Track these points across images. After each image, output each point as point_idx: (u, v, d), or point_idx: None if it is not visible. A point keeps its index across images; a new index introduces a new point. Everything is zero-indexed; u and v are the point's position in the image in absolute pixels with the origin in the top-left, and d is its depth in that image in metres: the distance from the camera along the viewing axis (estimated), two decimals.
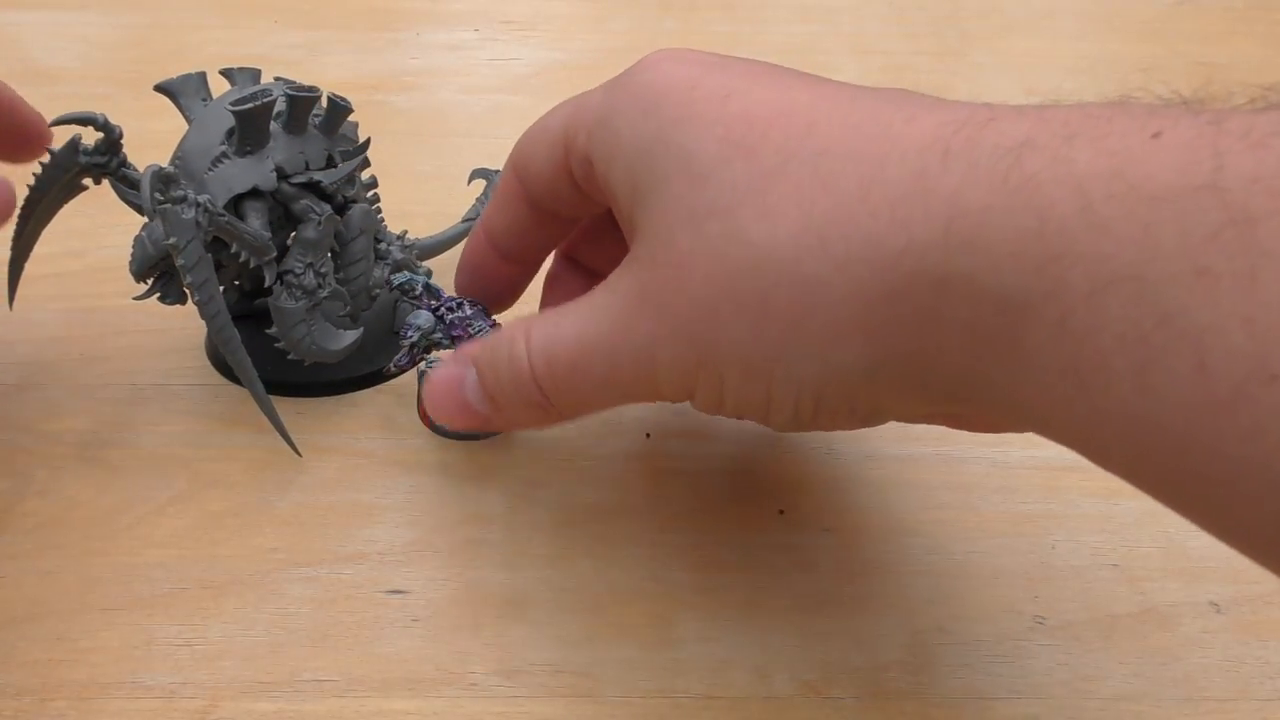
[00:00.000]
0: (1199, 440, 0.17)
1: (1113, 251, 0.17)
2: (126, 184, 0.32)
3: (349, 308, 0.34)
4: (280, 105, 0.32)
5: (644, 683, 0.28)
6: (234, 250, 0.31)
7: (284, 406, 0.35)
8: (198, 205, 0.29)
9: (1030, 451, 0.34)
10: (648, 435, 0.35)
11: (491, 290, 0.33)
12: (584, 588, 0.30)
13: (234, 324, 0.33)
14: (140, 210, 0.32)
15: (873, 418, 0.25)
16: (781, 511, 0.32)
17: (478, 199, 0.41)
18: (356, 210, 0.34)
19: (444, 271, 0.36)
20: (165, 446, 0.34)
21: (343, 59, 0.54)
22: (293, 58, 0.54)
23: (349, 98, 0.33)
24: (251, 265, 0.32)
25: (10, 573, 0.30)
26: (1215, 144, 0.17)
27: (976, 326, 0.20)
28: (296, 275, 0.32)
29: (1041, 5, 0.59)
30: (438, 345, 0.32)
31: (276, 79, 0.34)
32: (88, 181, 0.33)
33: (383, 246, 0.36)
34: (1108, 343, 0.17)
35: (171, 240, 0.29)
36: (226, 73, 0.34)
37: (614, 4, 0.59)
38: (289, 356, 0.33)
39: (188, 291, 0.31)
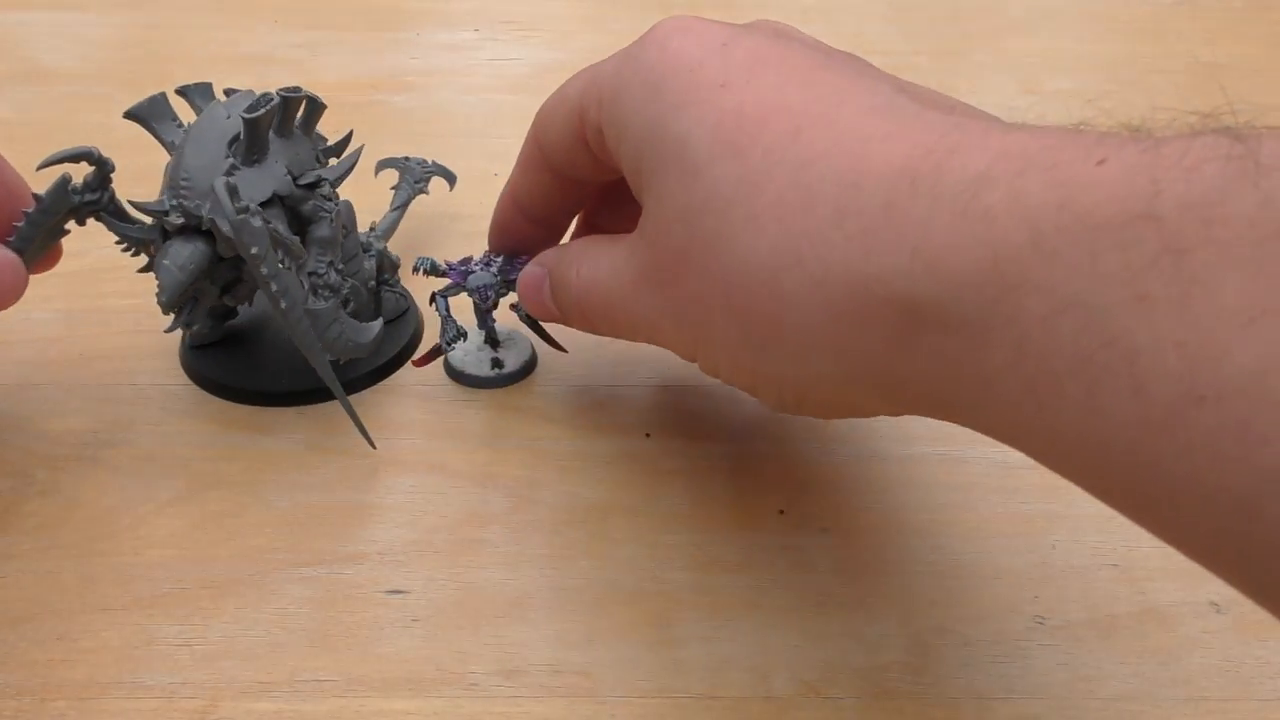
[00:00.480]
0: (1141, 458, 0.18)
1: (1062, 280, 0.18)
2: (119, 217, 0.32)
3: (354, 303, 0.34)
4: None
5: (644, 683, 0.28)
6: (214, 278, 0.31)
7: (286, 411, 0.35)
8: (259, 213, 0.30)
9: None
10: (648, 435, 0.35)
11: (522, 249, 0.34)
12: (584, 588, 0.30)
13: (209, 350, 0.34)
14: (130, 240, 0.31)
15: (855, 413, 0.26)
16: (781, 511, 0.32)
17: (398, 185, 0.41)
18: (343, 206, 0.34)
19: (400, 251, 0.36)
20: (165, 446, 0.34)
21: (343, 59, 0.54)
22: (293, 58, 0.54)
23: (349, 98, 0.33)
24: (221, 289, 0.32)
25: (10, 573, 0.30)
26: (1153, 171, 0.18)
27: (942, 351, 0.21)
28: (320, 275, 0.32)
29: (1041, 5, 0.59)
30: (483, 303, 0.35)
31: (228, 90, 0.34)
32: (70, 226, 0.31)
33: (365, 239, 0.36)
34: (1060, 366, 0.18)
35: (254, 250, 0.29)
36: (183, 91, 0.34)
37: (614, 4, 0.59)
38: (330, 358, 0.33)
39: (272, 299, 0.31)
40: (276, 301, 0.31)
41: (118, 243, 0.32)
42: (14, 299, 0.30)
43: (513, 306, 0.35)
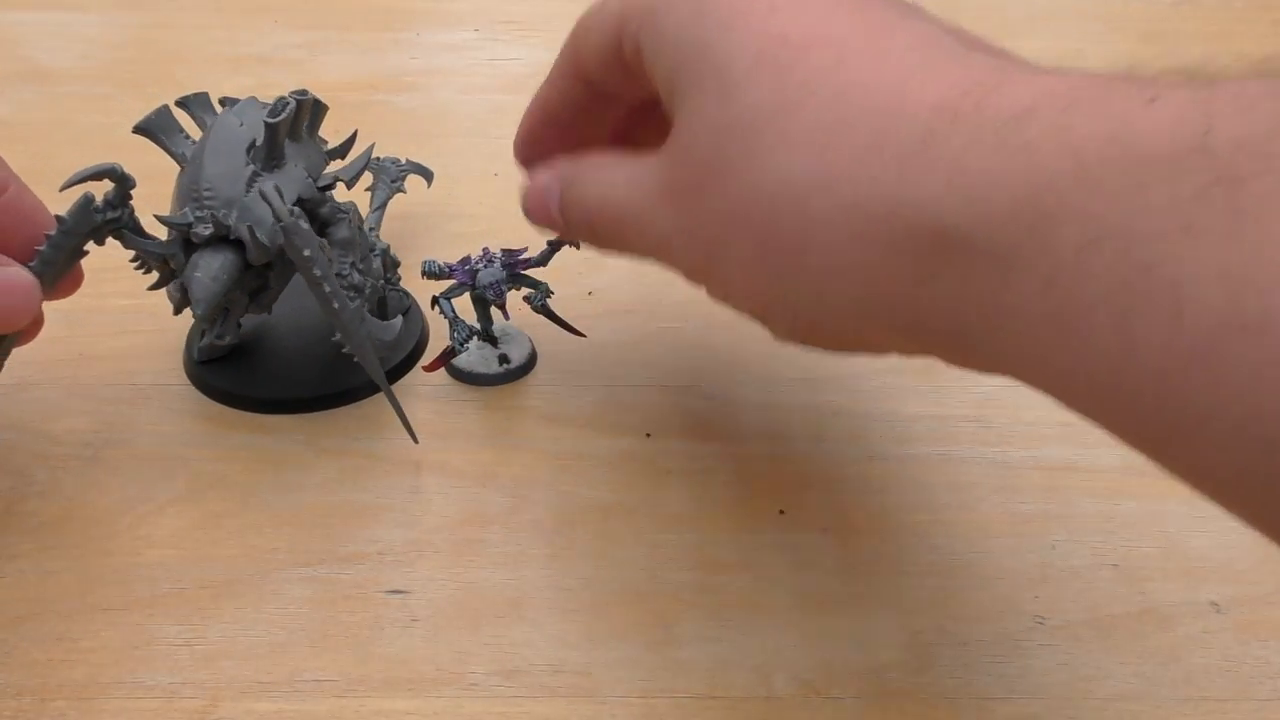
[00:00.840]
0: (1170, 388, 0.17)
1: (1103, 209, 0.18)
2: (138, 233, 0.31)
3: (367, 303, 0.34)
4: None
5: (644, 683, 0.28)
6: (243, 287, 0.31)
7: (286, 417, 0.35)
8: (304, 216, 0.30)
9: (1030, 451, 0.34)
10: (648, 435, 0.35)
11: (543, 158, 0.34)
12: (584, 588, 0.30)
13: (220, 362, 0.34)
14: (153, 255, 0.31)
15: (863, 349, 0.26)
16: (781, 511, 0.32)
17: (374, 185, 0.40)
18: (350, 207, 0.34)
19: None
20: (165, 446, 0.34)
21: (343, 59, 0.54)
22: (293, 58, 0.54)
23: (349, 98, 0.33)
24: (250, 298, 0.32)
25: (10, 573, 0.30)
26: (1207, 107, 0.18)
27: (967, 281, 0.20)
28: (344, 276, 0.32)
29: (1041, 5, 0.59)
30: (497, 299, 0.35)
31: (223, 100, 0.34)
32: (89, 247, 0.31)
33: (370, 238, 0.36)
34: (1092, 294, 0.18)
35: (307, 253, 0.30)
36: (182, 103, 0.33)
37: None
38: (355, 360, 0.33)
39: (324, 300, 0.31)
40: (329, 302, 0.31)
41: (132, 260, 0.32)
42: (25, 320, 0.30)
43: (526, 299, 0.36)
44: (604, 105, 0.32)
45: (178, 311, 0.34)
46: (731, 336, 0.38)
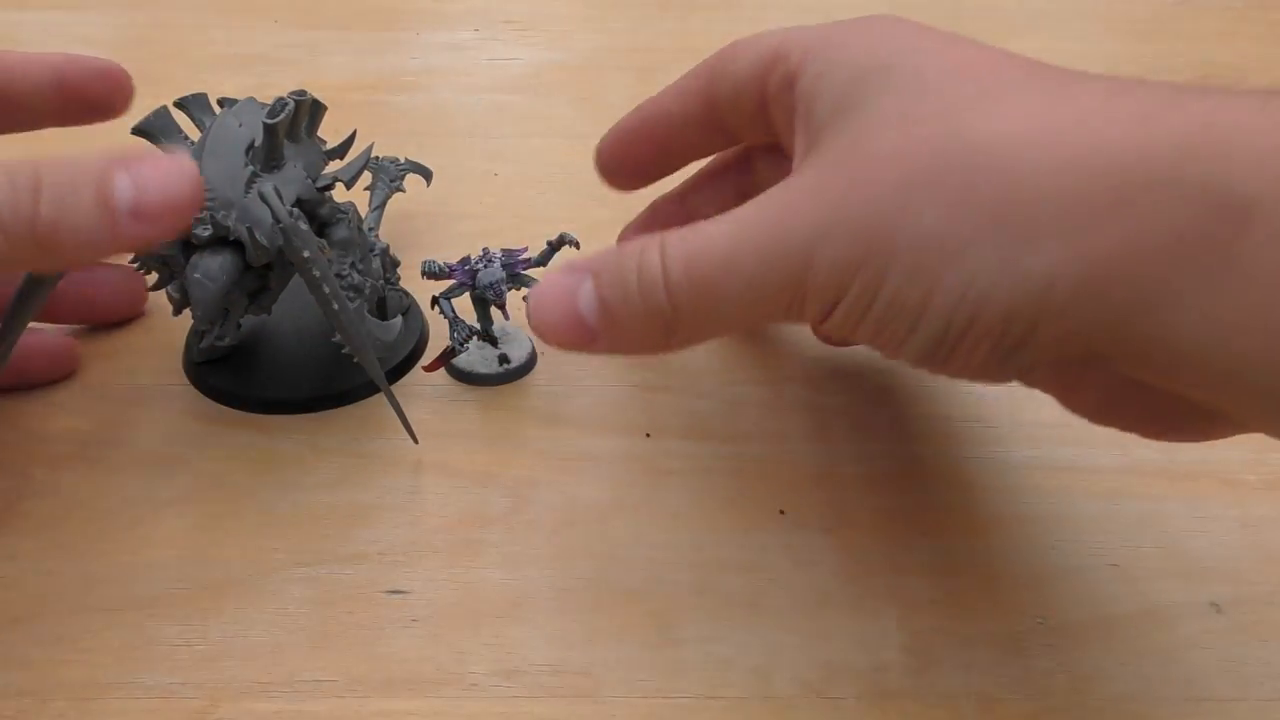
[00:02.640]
0: None
1: None
2: None
3: (367, 303, 0.34)
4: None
5: (644, 683, 0.28)
6: (243, 287, 0.31)
7: (286, 417, 0.35)
8: (303, 217, 0.30)
9: (1030, 451, 0.34)
10: (648, 435, 0.35)
11: (625, 165, 0.34)
12: (584, 588, 0.30)
13: (220, 362, 0.34)
14: (153, 258, 0.31)
15: (1009, 357, 0.23)
16: (782, 511, 0.32)
17: (373, 185, 0.40)
18: (350, 207, 0.34)
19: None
20: (165, 446, 0.34)
21: (343, 59, 0.54)
22: (293, 58, 0.54)
23: (349, 98, 0.33)
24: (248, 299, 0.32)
25: (10, 573, 0.30)
26: None
27: (1189, 231, 0.20)
28: (344, 277, 0.32)
29: (1041, 5, 0.59)
30: (497, 299, 0.34)
31: (221, 100, 0.33)
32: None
33: (370, 239, 0.36)
34: None
35: (306, 254, 0.30)
36: (181, 103, 0.33)
37: (614, 4, 0.59)
38: (355, 360, 0.33)
39: (323, 302, 0.31)
40: (329, 303, 0.31)
41: (132, 261, 0.32)
42: (193, 210, 0.27)
43: (526, 299, 0.36)
44: (709, 136, 0.32)
45: (177, 312, 0.34)
46: (731, 336, 0.38)
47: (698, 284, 0.24)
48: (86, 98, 0.32)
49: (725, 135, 0.32)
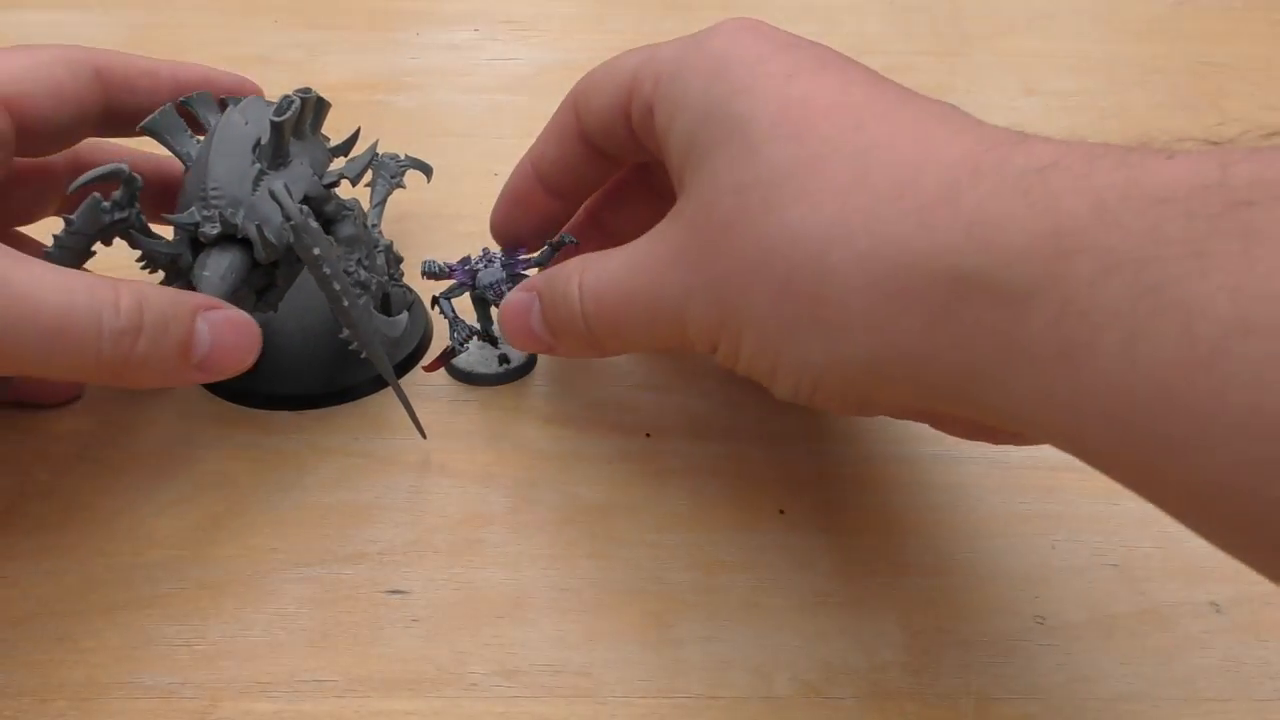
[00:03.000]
0: (1175, 397, 0.18)
1: (1119, 242, 0.19)
2: (144, 233, 0.31)
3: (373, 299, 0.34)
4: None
5: (644, 683, 0.28)
6: (251, 284, 0.31)
7: (286, 411, 0.35)
8: (311, 214, 0.30)
9: (1030, 452, 0.34)
10: (648, 435, 0.35)
11: (529, 222, 0.34)
12: (584, 588, 0.30)
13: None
14: (160, 255, 0.31)
15: (864, 408, 0.26)
16: (782, 511, 0.32)
17: (374, 181, 0.40)
18: (354, 204, 0.34)
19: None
20: (165, 446, 0.34)
21: (343, 59, 0.54)
22: (293, 58, 0.54)
23: (349, 98, 0.33)
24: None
25: (11, 573, 0.30)
26: (1223, 158, 0.19)
27: (980, 322, 0.21)
28: (351, 274, 0.33)
29: (1041, 5, 0.59)
30: (497, 299, 0.34)
31: (223, 100, 0.33)
32: (96, 248, 0.31)
33: (375, 236, 0.36)
34: (1100, 319, 0.19)
35: (316, 251, 0.30)
36: (186, 102, 0.33)
37: (614, 4, 0.59)
38: (361, 356, 0.33)
39: (334, 299, 0.31)
40: (340, 300, 0.31)
41: (138, 260, 0.32)
42: (252, 359, 0.30)
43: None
44: (598, 166, 0.32)
45: None
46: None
47: (605, 316, 0.28)
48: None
49: (611, 160, 0.32)
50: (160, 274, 0.33)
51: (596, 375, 0.37)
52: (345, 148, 0.35)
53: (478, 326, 0.36)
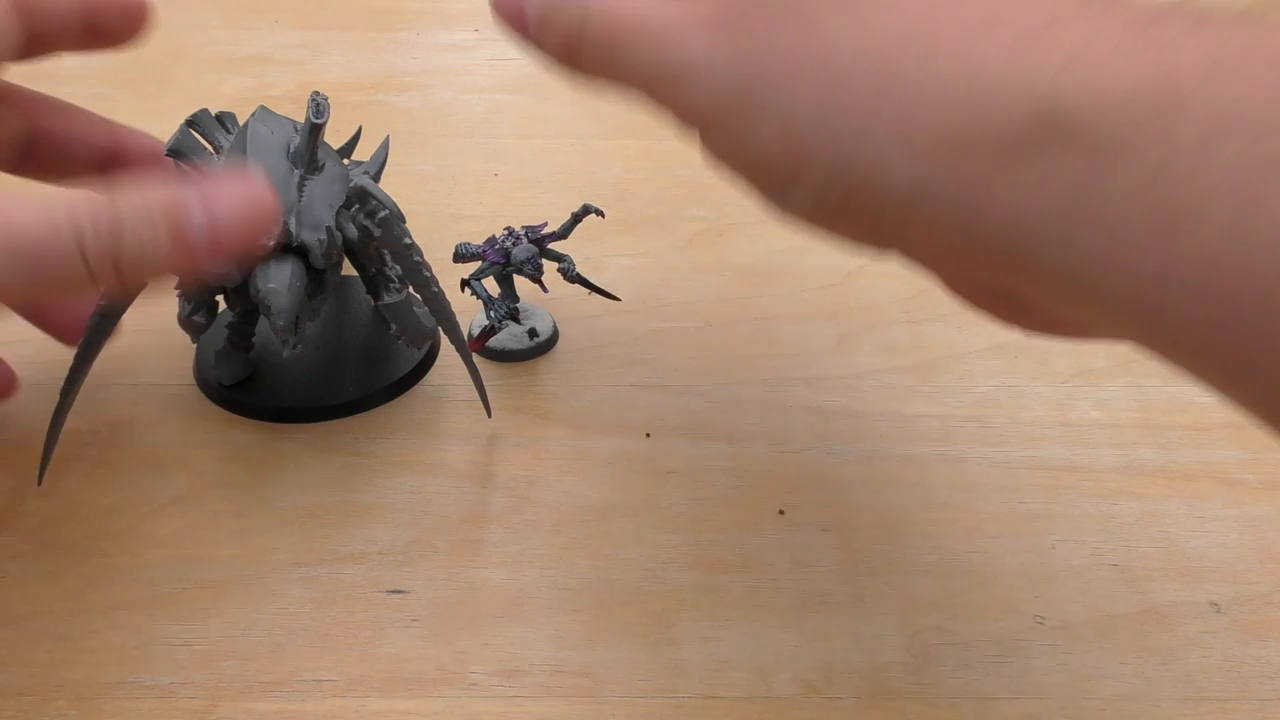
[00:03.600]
0: None
1: (1236, 98, 0.17)
2: None
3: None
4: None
5: (644, 683, 0.28)
6: (309, 292, 0.32)
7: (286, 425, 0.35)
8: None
9: (1030, 451, 0.34)
10: (648, 435, 0.35)
11: None
12: (584, 588, 0.30)
13: (225, 368, 0.34)
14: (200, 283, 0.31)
15: (887, 241, 0.23)
16: (781, 511, 0.32)
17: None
18: (386, 196, 0.34)
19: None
20: (165, 446, 0.34)
21: (343, 59, 0.54)
22: (293, 58, 0.54)
23: (349, 98, 0.33)
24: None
25: (11, 573, 0.30)
26: None
27: (1056, 171, 0.19)
28: (385, 272, 0.33)
29: None
30: (535, 273, 0.35)
31: (220, 115, 0.33)
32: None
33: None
34: (1210, 183, 0.17)
35: (407, 241, 0.31)
36: (191, 122, 0.33)
37: None
38: (408, 346, 0.34)
39: (422, 285, 0.32)
40: (430, 287, 0.32)
41: (176, 288, 0.32)
42: (271, 231, 0.29)
43: (560, 270, 0.37)
44: None
45: (196, 339, 0.34)
46: (732, 336, 0.38)
47: (605, 28, 0.25)
48: (107, 29, 0.33)
49: None
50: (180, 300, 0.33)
51: (597, 375, 0.37)
52: (348, 149, 0.35)
53: (512, 305, 0.36)
